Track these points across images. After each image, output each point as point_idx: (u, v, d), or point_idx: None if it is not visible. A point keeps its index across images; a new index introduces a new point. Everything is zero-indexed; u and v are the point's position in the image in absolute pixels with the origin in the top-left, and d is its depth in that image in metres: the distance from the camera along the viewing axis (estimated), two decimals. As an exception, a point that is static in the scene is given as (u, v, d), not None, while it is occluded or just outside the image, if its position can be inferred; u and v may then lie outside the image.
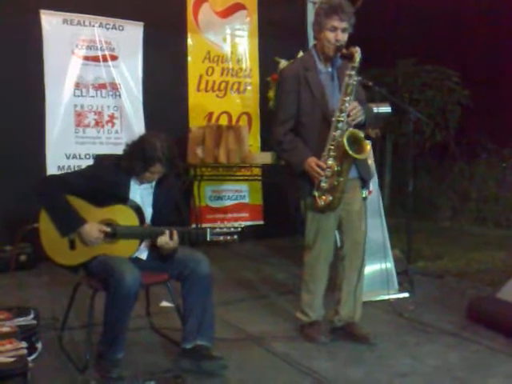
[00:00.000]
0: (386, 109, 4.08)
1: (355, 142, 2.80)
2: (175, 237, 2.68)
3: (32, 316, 2.86)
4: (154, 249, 2.78)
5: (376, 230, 3.89)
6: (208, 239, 2.71)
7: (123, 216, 2.70)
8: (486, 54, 7.89)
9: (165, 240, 2.66)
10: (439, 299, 3.91)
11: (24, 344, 2.48)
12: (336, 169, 2.83)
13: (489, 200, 7.30)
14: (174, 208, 2.93)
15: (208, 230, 2.72)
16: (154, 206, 2.83)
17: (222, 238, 2.72)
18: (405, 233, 4.33)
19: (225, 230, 2.73)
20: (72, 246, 2.68)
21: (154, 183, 2.82)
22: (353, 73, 2.80)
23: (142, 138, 2.75)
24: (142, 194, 2.80)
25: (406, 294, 3.95)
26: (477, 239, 6.13)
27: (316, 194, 2.90)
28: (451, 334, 3.21)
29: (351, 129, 2.82)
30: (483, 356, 2.91)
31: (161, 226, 2.71)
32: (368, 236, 3.17)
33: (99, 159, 2.98)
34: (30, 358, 2.53)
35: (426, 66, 7.23)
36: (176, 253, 2.76)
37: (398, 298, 3.87)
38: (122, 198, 2.73)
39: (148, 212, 2.80)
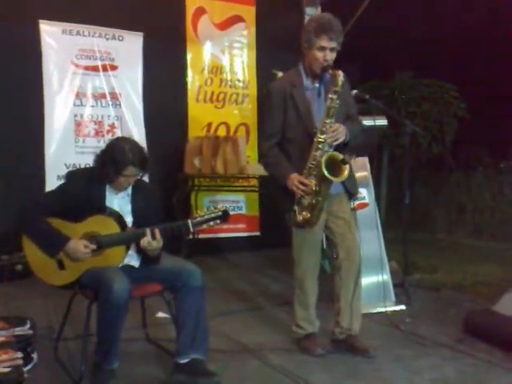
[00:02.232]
0: (382, 122, 4.11)
1: (333, 165, 2.83)
2: (158, 235, 2.66)
3: (28, 326, 2.84)
4: (140, 252, 2.77)
5: (372, 242, 3.90)
6: (191, 230, 2.71)
7: (103, 225, 2.69)
8: (483, 67, 7.94)
9: (147, 240, 2.65)
10: (436, 312, 3.91)
11: (20, 354, 2.46)
12: (314, 188, 2.86)
13: (485, 213, 7.31)
14: (156, 213, 2.89)
15: (189, 221, 2.71)
16: (134, 213, 2.82)
17: (205, 225, 2.72)
18: (401, 245, 4.34)
19: (206, 217, 2.72)
20: (61, 266, 2.67)
21: (130, 191, 2.82)
22: (335, 96, 2.83)
23: (110, 144, 2.77)
24: (119, 203, 2.79)
25: (403, 307, 3.95)
26: (473, 252, 6.15)
27: (296, 209, 2.93)
28: (448, 346, 3.21)
29: (330, 151, 2.86)
30: (480, 369, 2.90)
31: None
32: (364, 248, 3.19)
33: (71, 175, 2.92)
34: (25, 369, 2.52)
35: (423, 79, 7.28)
36: (161, 254, 2.75)
37: (395, 311, 3.86)
38: (100, 210, 2.71)
39: (128, 221, 2.79)
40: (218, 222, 2.73)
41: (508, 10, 6.36)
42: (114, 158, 2.66)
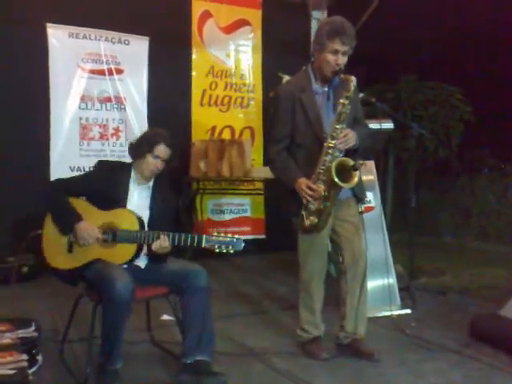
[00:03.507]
0: (388, 125, 4.10)
1: (343, 171, 2.81)
2: (167, 243, 2.72)
3: (33, 328, 2.85)
4: (149, 250, 2.80)
5: (378, 245, 3.89)
6: (203, 245, 2.72)
7: (125, 220, 2.74)
8: (488, 70, 7.93)
9: (159, 243, 2.70)
10: (441, 316, 3.89)
11: (25, 356, 2.47)
12: (323, 193, 2.85)
13: (490, 216, 7.29)
14: (173, 219, 2.98)
15: (204, 236, 2.74)
16: (152, 208, 2.89)
17: (216, 245, 2.72)
18: (407, 248, 4.32)
19: (220, 238, 2.74)
20: (70, 249, 2.74)
21: (151, 185, 2.91)
22: (346, 102, 2.81)
23: (144, 132, 3.02)
24: (140, 194, 2.88)
25: (408, 311, 3.93)
26: (479, 255, 6.11)
27: (303, 213, 2.92)
28: (453, 351, 3.19)
29: (341, 157, 2.84)
30: (485, 374, 2.88)
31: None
32: (370, 251, 3.17)
33: (100, 162, 3.07)
34: (30, 371, 2.53)
35: (428, 82, 7.27)
36: (170, 254, 2.81)
37: (400, 315, 3.85)
38: (122, 198, 2.80)
39: (145, 214, 2.85)
40: (231, 248, 2.73)
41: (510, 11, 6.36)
42: (148, 136, 2.89)
